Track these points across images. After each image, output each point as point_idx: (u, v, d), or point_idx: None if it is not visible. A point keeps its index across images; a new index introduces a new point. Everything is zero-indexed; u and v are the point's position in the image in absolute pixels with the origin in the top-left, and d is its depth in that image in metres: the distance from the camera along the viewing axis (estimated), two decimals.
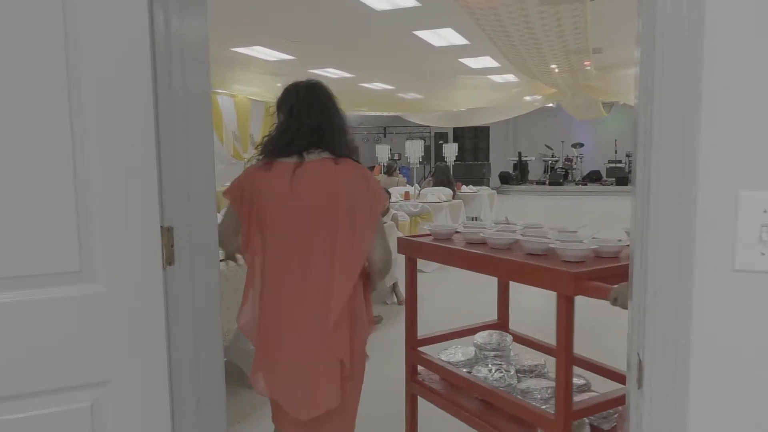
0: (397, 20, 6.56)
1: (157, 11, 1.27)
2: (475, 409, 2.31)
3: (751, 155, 0.84)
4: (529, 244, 2.08)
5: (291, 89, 1.92)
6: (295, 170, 1.79)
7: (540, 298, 5.73)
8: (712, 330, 0.87)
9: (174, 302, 1.34)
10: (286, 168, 1.81)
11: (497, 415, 2.24)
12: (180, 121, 1.34)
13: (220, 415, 1.48)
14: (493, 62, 9.20)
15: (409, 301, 2.62)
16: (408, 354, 2.59)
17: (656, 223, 0.91)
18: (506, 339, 2.59)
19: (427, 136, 20.14)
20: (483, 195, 9.52)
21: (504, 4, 5.08)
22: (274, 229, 1.82)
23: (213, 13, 1.52)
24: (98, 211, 1.19)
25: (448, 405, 2.42)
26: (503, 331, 2.70)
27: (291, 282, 1.81)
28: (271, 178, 1.82)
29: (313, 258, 1.80)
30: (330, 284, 1.78)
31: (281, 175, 1.81)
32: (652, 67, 0.91)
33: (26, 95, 1.13)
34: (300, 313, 1.80)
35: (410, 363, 2.59)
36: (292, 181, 1.79)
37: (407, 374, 2.60)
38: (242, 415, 2.98)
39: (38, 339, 1.17)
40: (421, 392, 2.57)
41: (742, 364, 0.86)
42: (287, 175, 1.79)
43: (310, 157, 1.82)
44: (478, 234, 2.34)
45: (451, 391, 2.48)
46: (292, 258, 1.81)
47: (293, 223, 1.80)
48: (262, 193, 1.83)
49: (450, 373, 2.41)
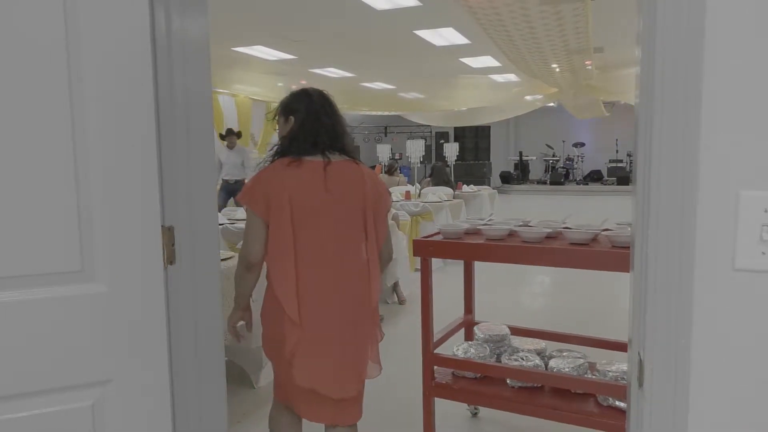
0: (398, 20, 6.56)
1: (158, 11, 1.28)
2: (511, 396, 2.52)
3: (752, 155, 0.84)
4: (575, 234, 2.37)
5: (302, 93, 2.02)
6: (325, 168, 1.92)
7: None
8: (712, 329, 0.87)
9: (175, 301, 1.34)
10: (317, 166, 1.92)
11: (539, 395, 2.50)
12: (181, 121, 1.34)
13: (220, 414, 1.48)
14: (494, 62, 9.21)
15: (425, 305, 2.63)
16: (427, 358, 2.60)
17: (657, 223, 0.91)
18: (504, 330, 2.79)
19: (428, 135, 20.14)
20: (484, 194, 9.50)
21: (505, 4, 5.07)
22: (312, 223, 1.90)
23: (214, 12, 1.52)
24: (99, 210, 1.20)
25: (479, 398, 2.62)
26: (491, 324, 2.88)
27: (331, 271, 1.93)
28: (304, 176, 1.90)
29: (348, 247, 1.96)
30: (367, 269, 1.99)
31: (314, 172, 1.91)
32: (653, 66, 0.91)
33: (27, 95, 1.13)
34: (341, 298, 1.94)
35: (429, 367, 2.61)
36: (325, 177, 1.91)
37: (426, 378, 2.61)
38: (243, 415, 2.98)
39: (39, 338, 1.17)
40: (442, 393, 2.63)
41: (742, 363, 0.86)
42: (320, 172, 1.91)
43: (333, 157, 1.95)
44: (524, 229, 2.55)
45: (479, 385, 2.63)
46: (328, 249, 1.93)
47: (331, 216, 1.93)
48: (296, 190, 1.89)
49: (498, 368, 2.58)
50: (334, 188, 1.92)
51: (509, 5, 5.11)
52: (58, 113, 1.15)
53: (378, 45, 8.03)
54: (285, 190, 1.87)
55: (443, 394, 2.62)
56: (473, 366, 2.59)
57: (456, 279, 6.34)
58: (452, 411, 2.98)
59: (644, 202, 0.96)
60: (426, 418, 2.62)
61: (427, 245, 2.56)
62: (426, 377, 2.60)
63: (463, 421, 3.00)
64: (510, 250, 2.39)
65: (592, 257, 2.25)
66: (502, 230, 2.50)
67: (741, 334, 0.86)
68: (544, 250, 2.33)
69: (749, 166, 0.84)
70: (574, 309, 4.97)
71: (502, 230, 2.50)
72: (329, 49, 8.34)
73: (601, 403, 2.38)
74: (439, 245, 2.57)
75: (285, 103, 2.03)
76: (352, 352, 1.97)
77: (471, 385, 2.61)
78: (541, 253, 2.34)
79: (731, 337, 0.86)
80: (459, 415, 3.02)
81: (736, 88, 0.84)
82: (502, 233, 2.49)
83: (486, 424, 2.99)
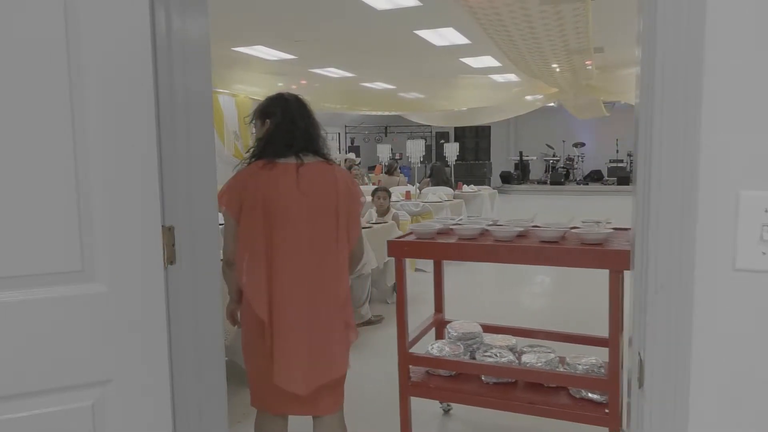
0: (398, 20, 6.56)
1: (158, 11, 1.27)
2: (486, 391, 2.58)
3: (752, 155, 0.83)
4: (544, 233, 2.45)
5: (278, 98, 2.11)
6: (298, 170, 1.98)
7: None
8: (713, 329, 0.87)
9: (175, 301, 1.34)
10: (290, 167, 1.98)
11: (513, 390, 2.57)
12: (181, 120, 1.34)
13: (221, 414, 1.48)
14: (495, 62, 9.20)
15: (400, 305, 2.65)
16: (403, 357, 2.63)
17: (657, 223, 0.91)
18: (476, 327, 2.85)
19: (428, 135, 20.13)
20: (484, 194, 9.51)
21: (505, 4, 5.07)
22: (286, 223, 1.95)
23: (214, 12, 1.52)
24: (100, 210, 1.19)
25: (455, 395, 2.66)
26: (463, 322, 2.92)
27: (303, 271, 1.97)
28: (277, 177, 1.96)
29: (320, 247, 2.01)
30: (337, 269, 2.04)
31: (287, 174, 1.97)
32: (653, 66, 0.91)
33: (28, 95, 1.13)
34: (312, 297, 1.99)
35: (404, 366, 2.63)
36: (298, 179, 1.96)
37: (402, 377, 2.64)
38: (243, 415, 2.98)
39: (40, 338, 1.17)
40: (418, 392, 2.65)
41: (743, 363, 0.86)
42: (293, 174, 1.97)
43: (306, 159, 2.01)
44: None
45: (454, 382, 2.67)
46: (302, 248, 1.98)
47: (303, 217, 1.97)
48: (269, 191, 1.95)
49: (475, 365, 2.62)
50: (307, 189, 1.97)
51: (509, 5, 5.11)
52: (58, 113, 1.15)
53: (378, 45, 8.02)
54: (258, 191, 1.95)
55: (419, 392, 2.66)
56: (450, 364, 2.63)
57: (456, 279, 6.38)
58: (425, 409, 3.03)
59: (644, 202, 0.96)
60: (403, 416, 2.64)
61: (400, 246, 2.59)
62: (402, 376, 2.63)
63: (434, 418, 3.04)
64: (481, 248, 2.46)
65: (560, 254, 2.32)
66: (474, 229, 2.56)
67: (741, 334, 0.86)
68: (514, 248, 2.39)
69: (749, 165, 0.84)
70: (574, 309, 4.97)
71: (474, 229, 2.56)
72: (330, 49, 8.34)
73: (574, 395, 2.46)
74: (412, 245, 2.61)
75: (262, 106, 2.13)
76: (318, 350, 1.99)
77: (446, 383, 2.66)
78: (511, 251, 2.40)
79: (732, 338, 0.86)
80: (431, 413, 3.07)
81: (736, 87, 0.83)
82: (474, 232, 2.54)
83: (457, 421, 3.04)
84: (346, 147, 18.98)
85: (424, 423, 2.96)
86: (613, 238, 2.41)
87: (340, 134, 19.31)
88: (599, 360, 2.53)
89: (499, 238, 2.46)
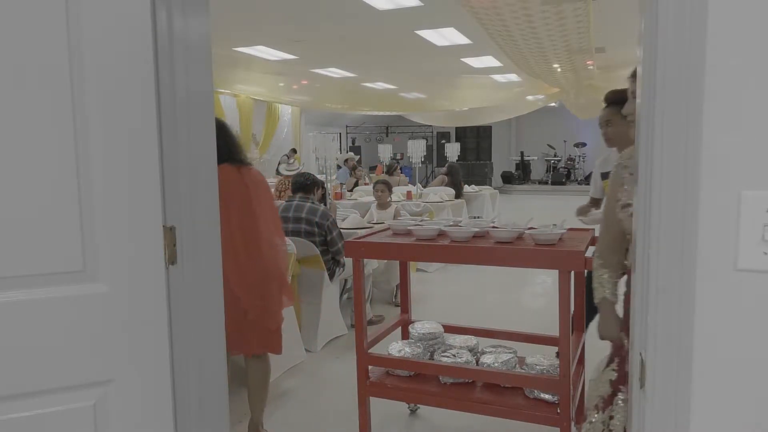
0: (399, 20, 6.56)
1: (159, 11, 1.27)
2: (443, 392, 2.59)
3: (754, 155, 0.83)
4: (500, 233, 2.46)
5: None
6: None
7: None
8: (714, 329, 0.87)
9: (176, 301, 1.34)
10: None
11: (470, 391, 2.58)
12: (182, 121, 1.34)
13: (222, 413, 1.48)
14: (496, 62, 9.20)
15: (357, 305, 2.67)
16: (361, 357, 2.64)
17: (659, 223, 0.91)
18: (438, 328, 2.87)
19: (430, 135, 20.12)
20: (485, 194, 9.51)
21: (506, 4, 5.07)
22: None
23: (215, 12, 1.52)
24: (101, 210, 1.20)
25: (412, 395, 2.69)
26: (426, 322, 2.94)
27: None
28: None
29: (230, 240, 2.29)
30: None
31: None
32: (655, 66, 0.91)
33: (29, 95, 1.13)
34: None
35: (363, 367, 2.65)
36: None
37: (360, 378, 2.65)
38: (243, 415, 2.98)
39: (41, 338, 1.17)
40: (377, 392, 2.68)
41: (744, 363, 0.86)
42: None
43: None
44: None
45: (412, 382, 2.69)
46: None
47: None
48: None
49: (430, 365, 2.62)
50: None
51: (511, 5, 5.10)
52: (59, 113, 1.15)
53: (379, 45, 8.03)
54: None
55: (378, 392, 2.67)
56: (407, 364, 2.65)
57: (456, 279, 6.38)
58: (392, 410, 3.06)
59: (646, 202, 0.95)
60: (362, 417, 2.65)
61: (358, 246, 2.61)
62: (360, 376, 2.64)
63: (399, 418, 3.06)
64: (438, 249, 2.50)
65: (514, 255, 2.34)
66: (431, 230, 2.58)
67: (743, 334, 0.86)
68: (470, 249, 2.41)
69: (751, 166, 0.84)
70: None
71: (432, 230, 2.58)
72: (331, 49, 8.34)
73: (528, 396, 2.47)
74: (369, 246, 2.63)
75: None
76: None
77: (404, 383, 2.68)
78: (466, 252, 2.43)
79: (733, 337, 0.86)
80: (397, 414, 3.09)
81: (737, 87, 0.83)
82: (431, 233, 2.56)
83: (423, 422, 3.05)
84: (347, 147, 18.97)
85: (388, 422, 2.99)
86: (567, 239, 2.43)
87: (341, 134, 19.31)
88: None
89: (455, 239, 2.49)
